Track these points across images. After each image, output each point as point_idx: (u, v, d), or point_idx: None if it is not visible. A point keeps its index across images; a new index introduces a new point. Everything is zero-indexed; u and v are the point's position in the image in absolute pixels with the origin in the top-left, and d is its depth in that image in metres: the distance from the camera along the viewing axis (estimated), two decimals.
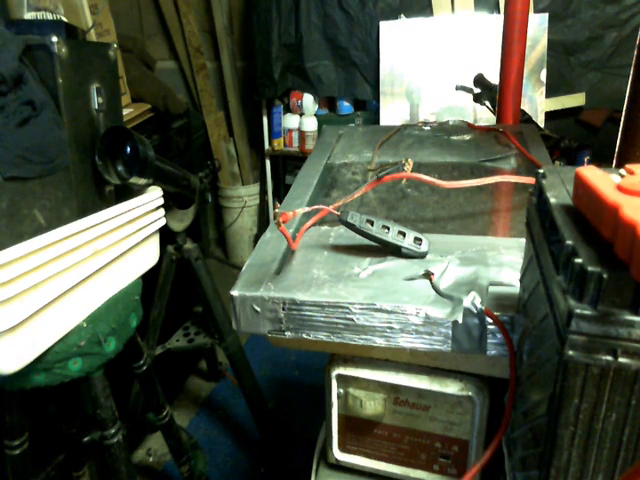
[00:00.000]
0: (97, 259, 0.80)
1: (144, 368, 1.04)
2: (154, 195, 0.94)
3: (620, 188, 0.36)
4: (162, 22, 2.61)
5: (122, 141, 0.87)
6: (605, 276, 0.31)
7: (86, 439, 1.01)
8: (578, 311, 0.30)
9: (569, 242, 0.34)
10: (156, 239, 0.99)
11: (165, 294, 1.35)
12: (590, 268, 0.32)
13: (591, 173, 0.40)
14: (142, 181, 0.90)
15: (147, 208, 0.92)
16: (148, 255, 0.97)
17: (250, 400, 1.46)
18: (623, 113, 0.67)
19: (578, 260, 0.33)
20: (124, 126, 0.90)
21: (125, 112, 1.45)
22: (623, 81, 2.02)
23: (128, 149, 0.87)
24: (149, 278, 1.02)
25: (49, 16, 1.00)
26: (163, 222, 0.99)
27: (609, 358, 0.30)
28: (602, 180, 0.38)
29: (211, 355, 1.80)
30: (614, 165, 0.70)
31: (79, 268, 0.77)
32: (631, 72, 0.66)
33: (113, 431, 0.88)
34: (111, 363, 0.86)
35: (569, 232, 0.36)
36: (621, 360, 0.29)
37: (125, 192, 0.92)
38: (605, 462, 0.32)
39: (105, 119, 0.87)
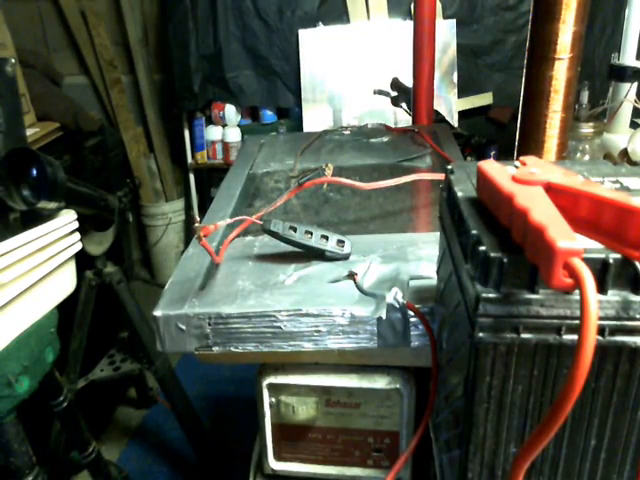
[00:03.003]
0: (3, 293, 0.74)
1: (64, 405, 0.96)
2: (67, 219, 0.88)
3: (514, 179, 0.39)
4: (69, 35, 2.47)
5: (27, 163, 0.82)
6: (505, 260, 0.33)
7: None
8: (484, 295, 0.32)
9: (474, 232, 0.36)
10: (72, 265, 0.93)
11: (85, 322, 1.27)
12: (492, 254, 0.33)
13: (490, 166, 0.42)
14: (52, 205, 0.84)
15: (59, 233, 0.86)
16: (63, 283, 0.91)
17: (184, 422, 1.40)
18: (519, 111, 0.73)
19: (482, 248, 0.34)
20: (28, 147, 0.84)
21: (30, 132, 1.34)
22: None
23: (34, 172, 0.82)
24: (68, 307, 0.95)
25: None
26: (78, 247, 0.93)
27: (513, 335, 0.32)
28: (499, 172, 0.41)
29: (140, 381, 1.72)
30: (515, 158, 0.75)
31: None
32: (524, 73, 0.71)
33: (30, 479, 0.81)
34: (26, 402, 0.79)
35: (474, 222, 0.38)
36: (523, 336, 0.31)
37: (34, 218, 0.86)
38: (515, 432, 0.34)
39: (6, 140, 0.81)
